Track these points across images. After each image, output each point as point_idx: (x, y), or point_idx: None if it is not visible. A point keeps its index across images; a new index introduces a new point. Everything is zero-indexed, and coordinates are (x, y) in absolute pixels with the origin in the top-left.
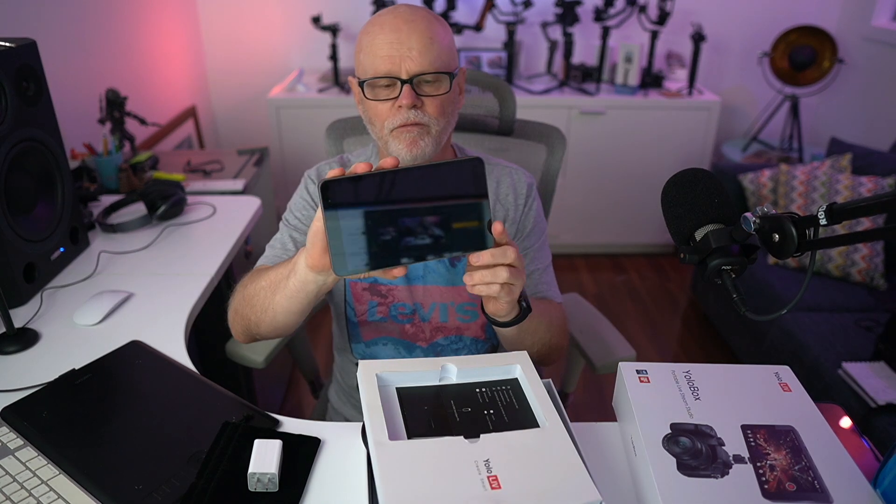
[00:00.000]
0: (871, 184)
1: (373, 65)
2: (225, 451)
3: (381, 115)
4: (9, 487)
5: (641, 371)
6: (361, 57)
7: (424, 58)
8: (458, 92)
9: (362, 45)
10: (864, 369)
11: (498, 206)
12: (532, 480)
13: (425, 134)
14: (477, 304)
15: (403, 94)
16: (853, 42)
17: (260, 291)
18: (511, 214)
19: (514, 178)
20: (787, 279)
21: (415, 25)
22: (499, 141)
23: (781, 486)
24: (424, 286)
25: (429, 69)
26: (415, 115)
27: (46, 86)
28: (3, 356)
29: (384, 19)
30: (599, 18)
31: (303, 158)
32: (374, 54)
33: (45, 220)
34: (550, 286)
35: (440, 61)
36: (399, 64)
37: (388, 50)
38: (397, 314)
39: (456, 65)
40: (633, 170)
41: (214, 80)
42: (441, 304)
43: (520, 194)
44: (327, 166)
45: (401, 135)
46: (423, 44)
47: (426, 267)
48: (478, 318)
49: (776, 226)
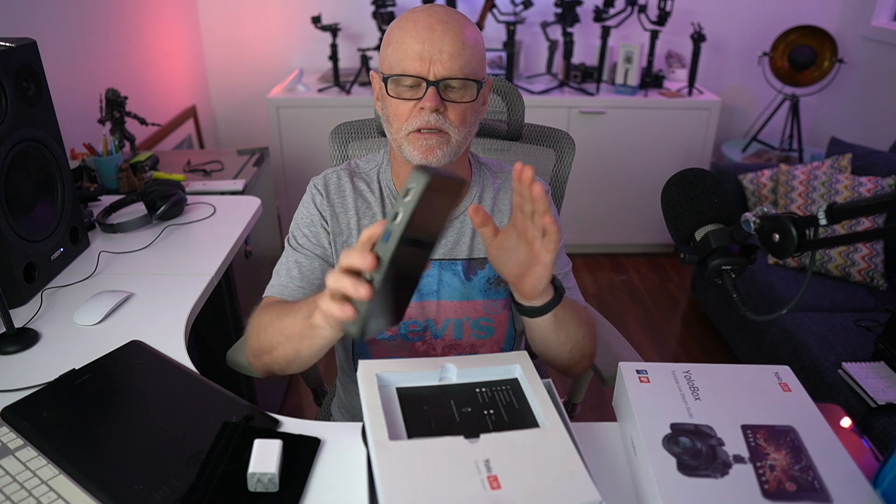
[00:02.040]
0: (871, 184)
1: (400, 62)
2: (225, 451)
3: (401, 114)
4: (9, 487)
5: (641, 371)
6: (389, 51)
7: (455, 62)
8: (482, 102)
9: (392, 39)
10: (864, 369)
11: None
12: (532, 480)
13: (444, 143)
14: (493, 320)
15: (428, 95)
16: (853, 42)
17: (280, 344)
18: None
19: None
20: (787, 279)
21: (449, 27)
22: (506, 146)
23: (781, 486)
24: (438, 301)
25: (458, 74)
26: (435, 120)
27: (46, 86)
28: (3, 356)
29: (418, 16)
30: (599, 18)
31: (303, 158)
32: (403, 51)
33: (45, 220)
34: (574, 291)
35: (469, 67)
36: (428, 65)
37: (419, 49)
38: (407, 332)
39: (484, 74)
40: (633, 170)
41: (214, 80)
42: (455, 319)
43: None
44: (334, 174)
45: (417, 140)
46: (456, 47)
47: (440, 282)
48: (493, 334)
49: (776, 226)
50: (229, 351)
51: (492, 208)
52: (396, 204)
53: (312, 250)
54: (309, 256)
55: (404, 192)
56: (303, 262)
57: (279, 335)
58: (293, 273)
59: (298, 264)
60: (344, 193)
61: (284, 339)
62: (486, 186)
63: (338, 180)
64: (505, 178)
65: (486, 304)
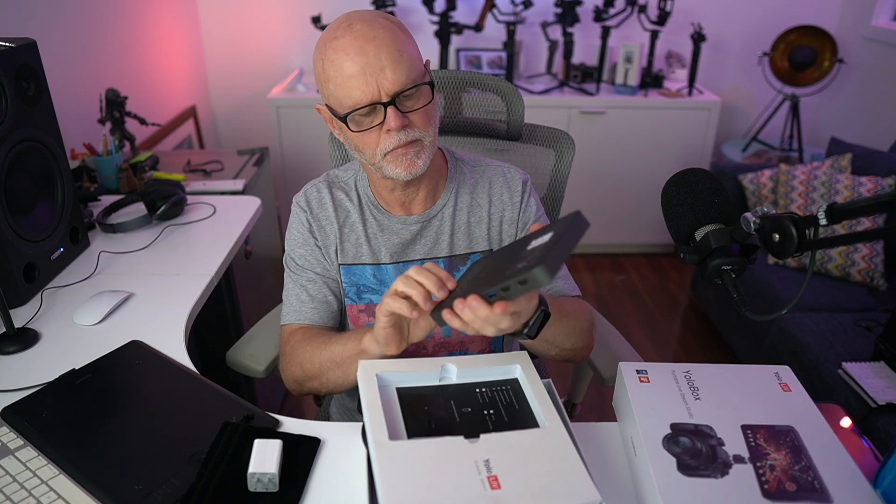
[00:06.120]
0: (871, 184)
1: (348, 96)
2: (225, 451)
3: (370, 143)
4: (9, 487)
5: (641, 371)
6: (332, 88)
7: (399, 73)
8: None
9: (329, 75)
10: (864, 369)
11: (493, 208)
12: (532, 480)
13: (421, 150)
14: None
15: (389, 117)
16: (853, 42)
17: (329, 370)
18: (508, 214)
19: (508, 177)
20: (787, 279)
21: (379, 42)
22: (506, 146)
23: (781, 486)
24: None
25: (407, 83)
26: (405, 135)
27: (46, 86)
28: (3, 356)
29: (345, 43)
30: (599, 18)
31: (303, 158)
32: (345, 84)
33: (45, 220)
34: (566, 280)
35: (415, 71)
36: (375, 88)
37: (360, 77)
38: None
39: (423, 66)
40: (633, 170)
41: (214, 80)
42: None
43: (514, 192)
44: (314, 189)
45: (396, 158)
46: (393, 58)
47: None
48: None
49: (776, 226)
50: (229, 351)
51: (469, 203)
52: (507, 281)
53: (313, 269)
54: (312, 278)
55: (521, 280)
56: (308, 285)
57: (327, 362)
58: (303, 297)
59: (305, 288)
60: (325, 205)
61: (334, 365)
62: (463, 181)
63: (318, 194)
64: (482, 171)
65: None
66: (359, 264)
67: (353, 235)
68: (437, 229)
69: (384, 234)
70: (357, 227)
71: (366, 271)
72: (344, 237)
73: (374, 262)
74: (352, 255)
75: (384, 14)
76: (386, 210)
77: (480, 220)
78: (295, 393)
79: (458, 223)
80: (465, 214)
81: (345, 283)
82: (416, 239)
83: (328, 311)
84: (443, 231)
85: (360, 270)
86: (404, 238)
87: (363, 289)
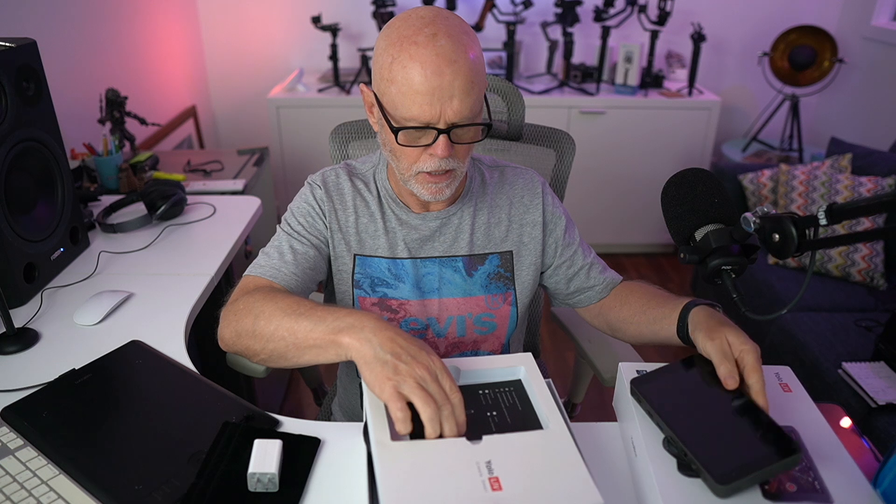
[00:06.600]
0: (871, 184)
1: (408, 108)
2: (225, 451)
3: (410, 156)
4: (9, 487)
5: (641, 371)
6: (392, 90)
7: (464, 106)
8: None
9: (394, 76)
10: (864, 369)
11: (513, 210)
12: (533, 482)
13: (452, 181)
14: (495, 315)
15: (439, 144)
16: (853, 42)
17: (282, 340)
18: (529, 216)
19: (526, 178)
20: (787, 279)
21: (457, 68)
22: (507, 146)
23: (781, 487)
24: (440, 299)
25: (468, 119)
26: (445, 164)
27: (46, 86)
28: (3, 356)
29: (424, 55)
30: (599, 18)
31: (303, 158)
32: (410, 95)
33: (45, 220)
34: (609, 270)
35: (478, 105)
36: (438, 113)
37: (427, 96)
38: (408, 330)
39: (483, 99)
40: (633, 170)
41: (214, 80)
42: (458, 316)
43: (535, 193)
44: (332, 172)
45: (427, 182)
46: (465, 89)
47: (441, 279)
48: (495, 330)
49: (776, 226)
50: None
51: (489, 204)
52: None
53: (308, 238)
54: (304, 243)
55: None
56: (297, 247)
57: (284, 332)
58: (287, 257)
59: (293, 249)
60: (343, 191)
61: (291, 340)
62: (483, 182)
63: (336, 178)
64: (500, 173)
65: (488, 299)
66: (375, 256)
67: (371, 227)
68: (456, 227)
69: (403, 228)
70: (376, 218)
71: (381, 264)
72: (361, 228)
73: (391, 256)
74: (369, 246)
75: (466, 28)
76: (405, 205)
77: (500, 221)
78: (223, 346)
79: (477, 223)
80: (485, 215)
81: (358, 274)
82: (435, 235)
83: (305, 282)
84: (462, 229)
85: (376, 263)
86: (423, 234)
87: (377, 282)
